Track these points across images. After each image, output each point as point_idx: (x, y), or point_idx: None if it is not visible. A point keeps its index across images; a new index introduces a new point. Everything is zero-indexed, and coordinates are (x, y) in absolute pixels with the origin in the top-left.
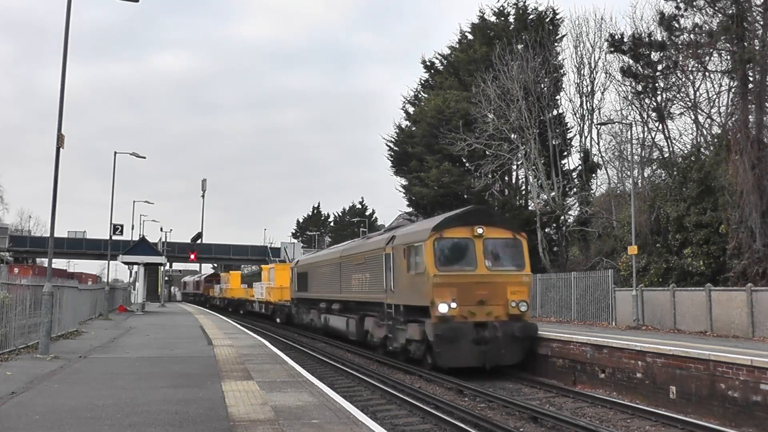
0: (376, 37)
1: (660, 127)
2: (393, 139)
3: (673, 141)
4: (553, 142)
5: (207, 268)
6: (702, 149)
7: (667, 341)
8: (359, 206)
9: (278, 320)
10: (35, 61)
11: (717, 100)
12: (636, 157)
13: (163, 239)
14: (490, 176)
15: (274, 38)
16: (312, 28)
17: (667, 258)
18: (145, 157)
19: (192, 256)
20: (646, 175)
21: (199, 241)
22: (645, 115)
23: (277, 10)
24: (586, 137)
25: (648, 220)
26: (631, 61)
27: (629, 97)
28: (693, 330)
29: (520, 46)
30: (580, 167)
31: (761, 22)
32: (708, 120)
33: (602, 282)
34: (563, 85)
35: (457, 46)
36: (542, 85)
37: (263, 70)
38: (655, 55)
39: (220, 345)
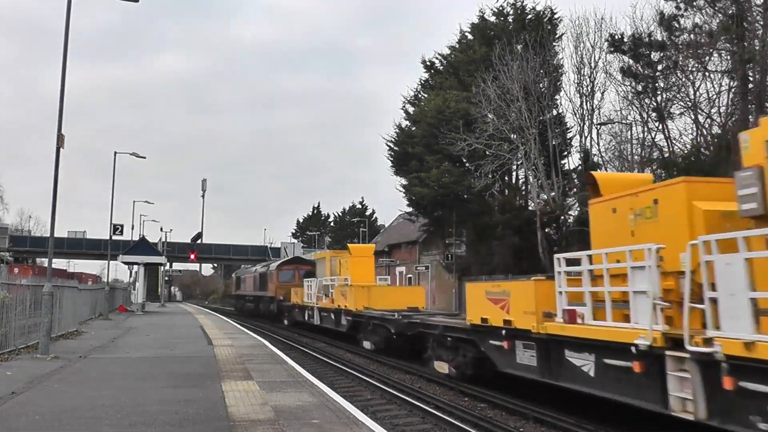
0: (376, 37)
1: (660, 127)
2: (393, 139)
3: (673, 141)
4: (553, 142)
5: (207, 269)
6: (702, 149)
7: None
8: (359, 206)
9: None
10: (36, 61)
11: (717, 100)
12: (636, 157)
13: (163, 239)
14: (490, 176)
15: (274, 39)
16: (312, 29)
17: None
18: (145, 157)
19: (192, 256)
20: None
21: (199, 241)
22: (645, 115)
23: (278, 11)
24: (586, 137)
25: None
26: (631, 61)
27: (629, 97)
28: None
29: (519, 46)
30: (580, 167)
31: (761, 22)
32: (708, 120)
33: None
34: (563, 85)
35: (457, 46)
36: (542, 85)
37: (263, 70)
38: (655, 55)
39: (220, 345)
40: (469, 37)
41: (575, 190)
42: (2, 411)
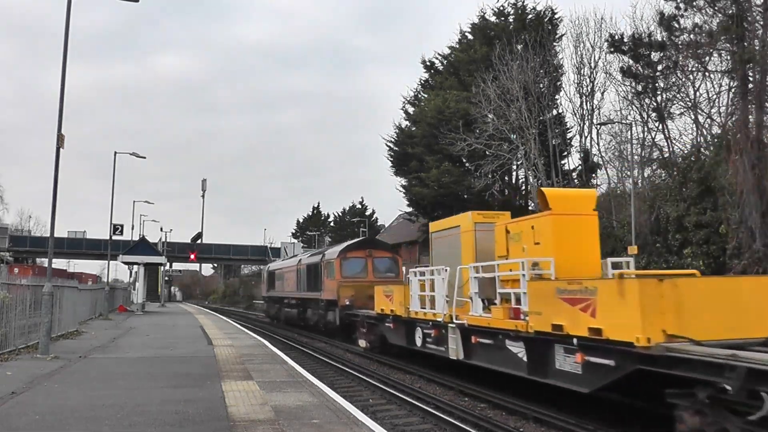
0: (376, 38)
1: (660, 127)
2: (393, 140)
3: (673, 141)
4: (553, 142)
5: (207, 269)
6: (702, 149)
7: None
8: (359, 206)
9: None
10: (37, 62)
11: (717, 100)
12: (636, 157)
13: (163, 239)
14: (490, 176)
15: (274, 40)
16: (312, 29)
17: (667, 258)
18: (145, 157)
19: (192, 256)
20: (646, 175)
21: (199, 241)
22: (645, 115)
23: (278, 11)
24: (586, 137)
25: (648, 220)
26: (631, 61)
27: (629, 97)
28: None
29: (519, 46)
30: (580, 167)
31: (761, 22)
32: (708, 120)
33: None
34: (563, 85)
35: (457, 46)
36: (542, 85)
37: (264, 71)
38: (655, 55)
39: (220, 345)
40: (470, 37)
41: None
42: (2, 411)
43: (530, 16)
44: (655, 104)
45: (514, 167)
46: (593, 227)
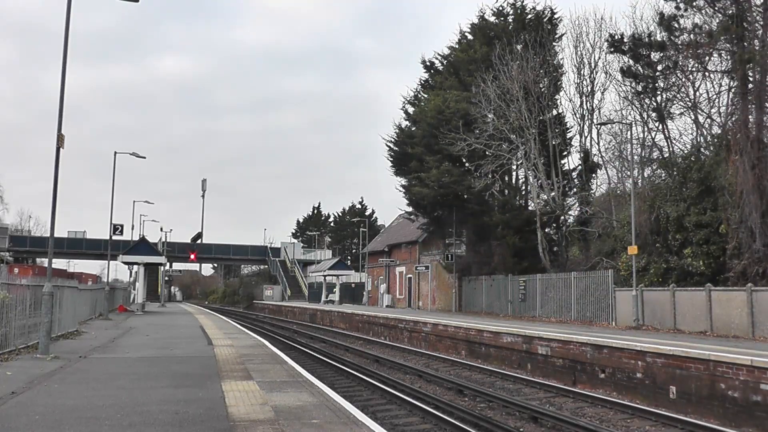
0: (376, 38)
1: (660, 127)
2: (393, 140)
3: (673, 141)
4: (553, 142)
5: (207, 269)
6: (702, 149)
7: (667, 341)
8: (359, 206)
9: None
10: (39, 63)
11: (717, 100)
12: (636, 157)
13: (163, 239)
14: (490, 176)
15: (275, 41)
16: (312, 30)
17: (667, 258)
18: (145, 157)
19: (192, 256)
20: (646, 175)
21: (199, 241)
22: (645, 115)
23: (278, 13)
24: (586, 137)
25: (648, 220)
26: (631, 61)
27: (629, 97)
28: (693, 330)
29: (519, 46)
30: (580, 167)
31: (761, 22)
32: (708, 120)
33: (602, 282)
34: (563, 85)
35: (457, 46)
36: (542, 85)
37: (265, 72)
38: (655, 55)
39: (220, 345)
40: (469, 37)
41: (575, 190)
42: (2, 411)
43: (530, 16)
44: (655, 104)
45: (514, 167)
46: None
